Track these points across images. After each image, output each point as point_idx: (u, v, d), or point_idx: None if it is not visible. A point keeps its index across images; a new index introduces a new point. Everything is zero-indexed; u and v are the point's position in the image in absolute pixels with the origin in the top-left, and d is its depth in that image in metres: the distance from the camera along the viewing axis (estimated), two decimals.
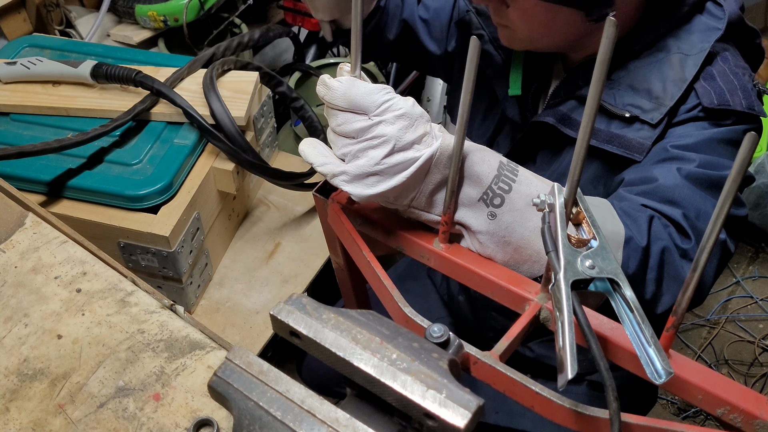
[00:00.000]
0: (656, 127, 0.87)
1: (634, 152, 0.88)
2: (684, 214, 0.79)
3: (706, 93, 0.86)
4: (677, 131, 0.87)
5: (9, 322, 0.68)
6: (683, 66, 0.89)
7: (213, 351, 0.66)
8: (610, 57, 0.46)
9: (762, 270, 2.21)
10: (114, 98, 1.12)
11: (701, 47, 0.89)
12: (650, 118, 0.87)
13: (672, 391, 0.57)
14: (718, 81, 0.87)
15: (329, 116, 0.65)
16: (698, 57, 0.88)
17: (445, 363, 0.48)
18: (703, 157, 0.83)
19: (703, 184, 0.82)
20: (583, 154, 0.51)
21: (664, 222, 0.78)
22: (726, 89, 0.86)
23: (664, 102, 0.87)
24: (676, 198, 0.80)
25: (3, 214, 0.78)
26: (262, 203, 1.31)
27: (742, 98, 0.86)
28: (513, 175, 0.65)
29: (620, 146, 0.89)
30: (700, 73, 0.88)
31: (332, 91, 0.63)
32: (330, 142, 0.66)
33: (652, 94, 0.88)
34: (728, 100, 0.85)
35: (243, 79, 1.16)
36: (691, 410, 1.89)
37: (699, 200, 0.81)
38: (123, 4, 1.62)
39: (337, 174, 0.64)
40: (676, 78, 0.88)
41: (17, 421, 0.61)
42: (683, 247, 0.78)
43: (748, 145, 0.40)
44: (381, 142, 0.61)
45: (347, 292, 0.93)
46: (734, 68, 0.89)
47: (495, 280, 0.64)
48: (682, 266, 0.77)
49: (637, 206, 0.80)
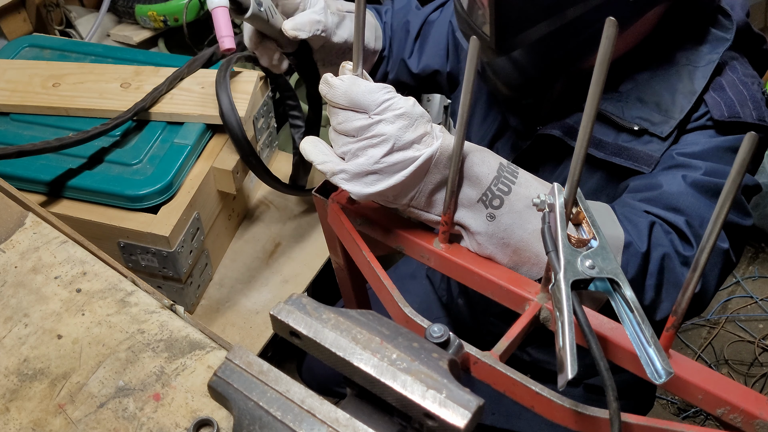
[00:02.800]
0: (666, 140, 0.86)
1: (642, 164, 0.87)
2: (687, 221, 0.79)
3: (716, 104, 0.86)
4: (685, 139, 0.87)
5: (9, 322, 0.68)
6: (692, 78, 0.88)
7: (213, 351, 0.66)
8: (610, 57, 0.46)
9: (762, 270, 2.20)
10: (114, 98, 1.12)
11: (710, 58, 0.88)
12: (660, 132, 0.87)
13: (672, 391, 0.57)
14: (728, 92, 0.86)
15: (331, 114, 0.65)
16: (707, 68, 0.87)
17: (445, 363, 0.48)
18: (710, 165, 0.82)
19: (709, 192, 0.81)
20: (583, 154, 0.51)
21: (666, 228, 0.78)
22: (736, 100, 0.86)
23: (674, 115, 0.87)
24: (679, 205, 0.80)
25: (3, 214, 0.78)
26: (262, 203, 1.31)
27: (753, 109, 0.85)
28: (513, 177, 0.65)
29: (628, 159, 0.88)
30: (710, 84, 0.87)
31: (334, 89, 0.63)
32: (331, 140, 0.66)
33: (662, 106, 0.88)
34: (738, 112, 0.84)
35: (243, 79, 1.16)
36: (691, 410, 1.89)
37: (703, 208, 0.80)
38: (123, 4, 1.62)
39: (336, 172, 0.64)
40: (685, 90, 0.87)
41: (17, 421, 0.61)
42: (685, 254, 0.77)
43: (748, 146, 0.40)
44: (380, 140, 0.61)
45: (347, 292, 0.93)
46: (743, 78, 0.89)
47: (495, 280, 0.64)
48: (682, 273, 0.76)
49: (639, 212, 0.79)
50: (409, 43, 1.12)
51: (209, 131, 1.13)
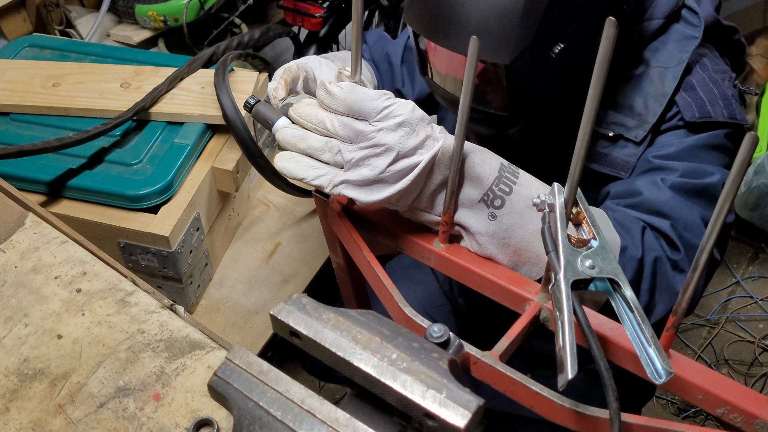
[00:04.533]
0: (640, 144, 0.88)
1: (620, 170, 0.88)
2: (672, 225, 0.80)
3: (687, 106, 0.87)
4: (659, 141, 0.88)
5: (9, 322, 0.68)
6: (663, 80, 0.89)
7: (213, 351, 0.66)
8: (610, 57, 0.46)
9: (762, 270, 2.20)
10: (114, 98, 1.12)
11: (679, 58, 0.89)
12: (634, 136, 0.88)
13: (672, 391, 0.57)
14: (699, 92, 0.88)
15: (325, 121, 0.65)
16: (677, 69, 0.89)
17: (445, 363, 0.48)
18: (686, 165, 0.84)
19: (688, 192, 0.82)
20: (583, 155, 0.51)
21: (654, 233, 0.79)
22: (707, 100, 0.87)
23: (647, 119, 0.88)
24: (662, 209, 0.81)
25: (3, 214, 0.78)
26: (262, 203, 1.31)
27: (723, 108, 0.86)
28: (514, 177, 0.65)
29: (607, 165, 0.89)
30: (680, 85, 0.88)
31: (332, 96, 0.63)
32: (313, 149, 0.65)
33: (635, 111, 0.89)
34: (709, 112, 0.86)
35: (243, 79, 1.16)
36: (691, 410, 1.89)
37: (685, 210, 0.81)
38: (123, 4, 1.62)
39: (337, 183, 0.63)
40: (657, 93, 0.88)
41: (17, 421, 0.61)
42: (673, 259, 0.79)
43: (748, 146, 0.40)
44: (383, 150, 0.61)
45: (347, 292, 0.93)
46: (713, 75, 0.89)
47: (495, 280, 0.64)
48: (673, 276, 0.78)
49: (631, 218, 0.80)
50: (396, 73, 1.12)
51: (209, 131, 1.12)
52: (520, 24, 0.74)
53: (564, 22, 0.78)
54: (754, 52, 2.23)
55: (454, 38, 0.76)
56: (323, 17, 1.82)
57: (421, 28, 0.80)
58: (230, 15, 1.74)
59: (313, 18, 1.82)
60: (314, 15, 1.81)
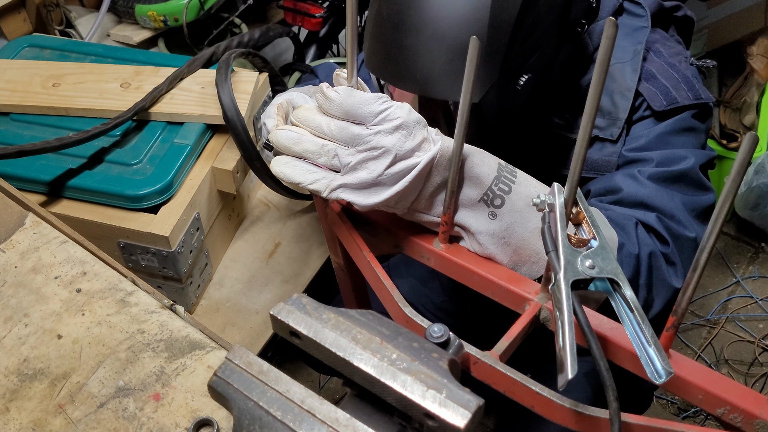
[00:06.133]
0: (617, 141, 0.88)
1: (604, 172, 0.89)
2: (657, 217, 0.81)
3: (652, 95, 0.88)
4: (630, 133, 0.89)
5: (9, 322, 0.68)
6: (623, 74, 0.90)
7: (213, 351, 0.66)
8: (609, 57, 0.46)
9: (762, 270, 2.20)
10: (114, 98, 1.12)
11: (634, 50, 0.90)
12: (609, 135, 0.89)
13: (672, 391, 0.57)
14: (660, 79, 0.89)
15: (321, 124, 0.65)
16: (635, 61, 0.90)
17: (445, 363, 0.48)
18: (660, 154, 0.85)
19: (667, 180, 0.83)
20: (583, 155, 0.51)
21: (645, 228, 0.80)
22: (670, 85, 0.88)
23: (618, 115, 0.89)
24: (645, 201, 0.82)
25: (3, 214, 0.78)
26: (262, 203, 1.31)
27: (687, 90, 0.88)
28: (512, 177, 0.65)
29: (590, 169, 0.90)
30: (641, 75, 0.89)
31: (330, 101, 0.63)
32: (308, 153, 0.65)
33: (604, 110, 0.90)
34: (675, 98, 0.87)
35: (243, 79, 1.16)
36: (691, 410, 1.89)
37: (667, 198, 0.82)
38: (123, 4, 1.62)
39: (335, 188, 0.63)
40: (621, 89, 0.89)
41: (17, 421, 0.61)
42: (664, 252, 0.80)
43: (748, 146, 0.40)
44: (381, 153, 0.61)
45: (347, 292, 0.94)
46: (669, 59, 0.91)
47: (495, 280, 0.64)
48: (667, 270, 0.79)
49: (623, 215, 0.81)
50: None
51: (209, 131, 1.12)
52: (485, 65, 0.76)
53: (524, 56, 0.80)
54: (755, 52, 2.23)
55: (422, 83, 0.77)
56: (323, 17, 1.82)
57: (387, 76, 0.81)
58: (230, 15, 1.74)
59: (313, 18, 1.82)
60: (314, 15, 1.81)
